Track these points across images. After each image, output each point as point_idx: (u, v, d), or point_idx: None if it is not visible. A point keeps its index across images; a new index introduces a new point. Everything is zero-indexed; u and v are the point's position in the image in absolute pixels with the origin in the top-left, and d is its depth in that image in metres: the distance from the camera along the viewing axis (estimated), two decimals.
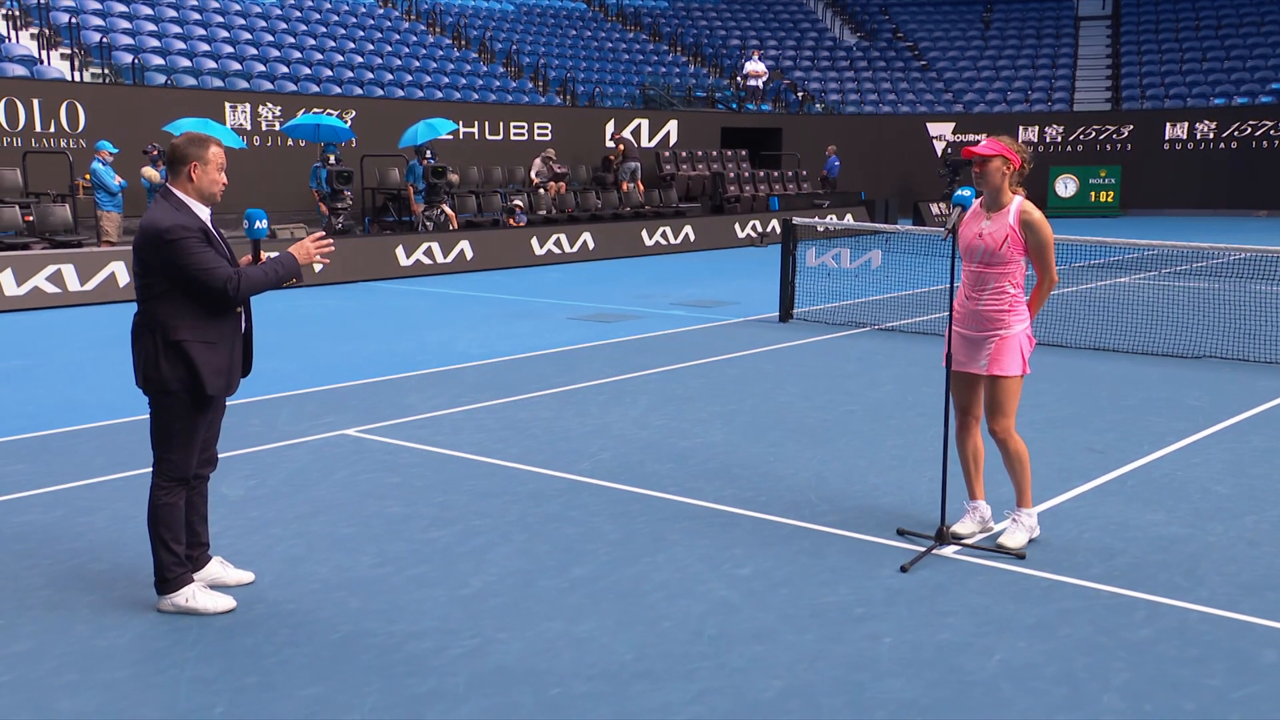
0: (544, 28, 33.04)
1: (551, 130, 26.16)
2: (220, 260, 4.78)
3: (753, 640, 4.70)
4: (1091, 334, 12.09)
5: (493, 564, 5.56)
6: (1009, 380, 5.69)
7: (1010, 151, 5.68)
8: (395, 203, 21.02)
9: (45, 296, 14.91)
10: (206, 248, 4.75)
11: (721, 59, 35.66)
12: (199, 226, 4.80)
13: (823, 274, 14.71)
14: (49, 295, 14.93)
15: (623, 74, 31.67)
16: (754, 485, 6.84)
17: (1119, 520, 6.20)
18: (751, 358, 11.04)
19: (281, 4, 26.96)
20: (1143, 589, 5.22)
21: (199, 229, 4.79)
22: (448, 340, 12.09)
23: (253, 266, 4.91)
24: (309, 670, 4.41)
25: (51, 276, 15.02)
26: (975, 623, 4.87)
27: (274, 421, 8.42)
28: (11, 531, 5.99)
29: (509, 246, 19.61)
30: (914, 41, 40.40)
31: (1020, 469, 5.80)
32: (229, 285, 4.74)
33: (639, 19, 36.53)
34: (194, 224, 4.78)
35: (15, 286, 14.72)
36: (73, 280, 15.26)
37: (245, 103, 21.38)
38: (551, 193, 22.94)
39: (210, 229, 4.90)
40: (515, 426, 8.29)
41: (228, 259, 4.93)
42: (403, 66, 26.27)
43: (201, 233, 4.79)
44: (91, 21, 22.75)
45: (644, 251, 21.84)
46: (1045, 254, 5.69)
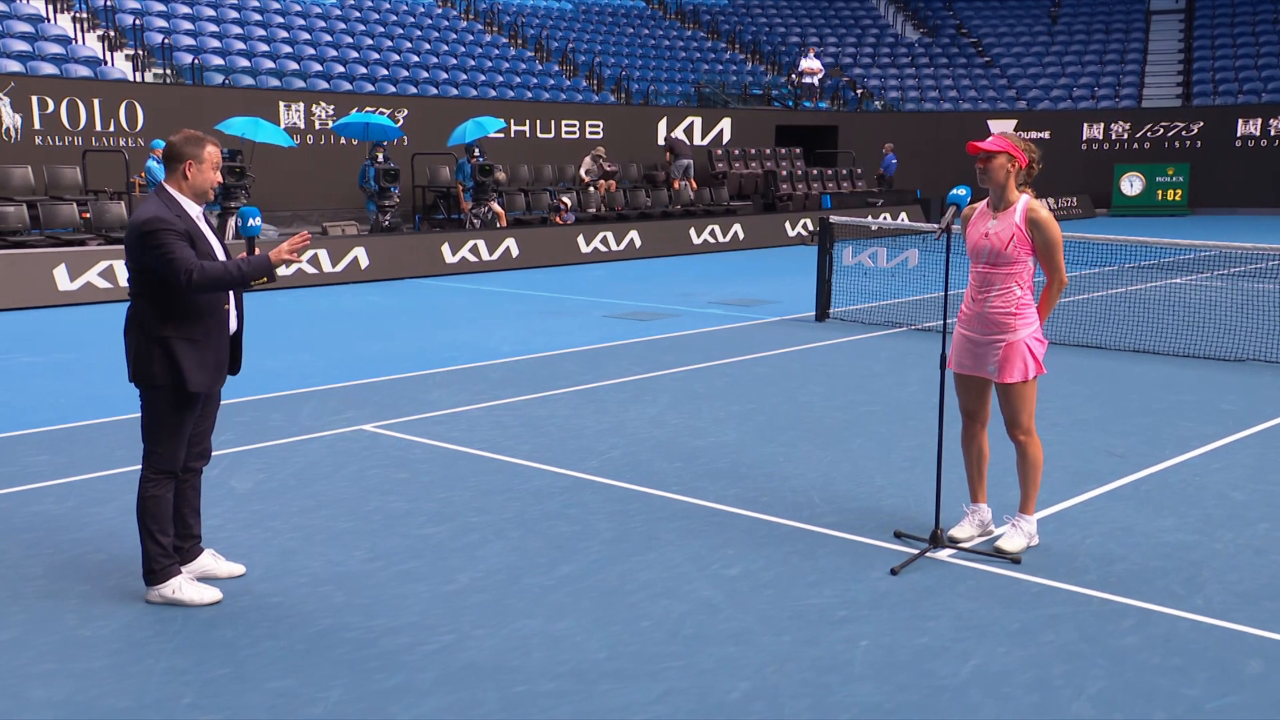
0: (601, 26, 33.11)
1: (603, 128, 26.21)
2: (187, 253, 4.80)
3: (727, 641, 4.67)
4: (1132, 336, 11.83)
5: (482, 560, 5.58)
6: (1022, 386, 5.58)
7: (1016, 149, 5.58)
8: (445, 201, 21.19)
9: (97, 292, 15.22)
10: (178, 240, 4.79)
11: (780, 56, 35.47)
12: (182, 222, 4.85)
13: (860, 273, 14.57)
14: (100, 290, 15.24)
15: (678, 72, 31.64)
16: (758, 485, 6.80)
17: (1125, 526, 6.06)
18: (780, 357, 10.97)
19: (342, 4, 27.32)
20: (1136, 596, 5.11)
21: (180, 224, 4.84)
22: (480, 337, 12.17)
23: (214, 262, 4.92)
24: (281, 663, 4.46)
25: (104, 272, 15.34)
26: (956, 627, 4.79)
27: (296, 416, 8.53)
28: (22, 521, 6.13)
29: (555, 244, 19.68)
30: (977, 37, 39.86)
31: (1032, 474, 5.69)
32: (183, 274, 4.75)
33: (698, 17, 36.46)
34: (176, 219, 4.83)
35: (69, 281, 15.05)
36: (124, 276, 15.55)
37: (299, 102, 21.70)
38: (601, 191, 22.98)
39: (197, 225, 4.96)
40: (531, 424, 8.31)
41: (211, 255, 4.97)
42: (458, 65, 26.48)
43: (183, 229, 4.84)
44: (155, 23, 23.22)
45: (691, 250, 21.79)
46: (1054, 254, 5.58)
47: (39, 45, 20.63)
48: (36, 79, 19.20)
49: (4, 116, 18.58)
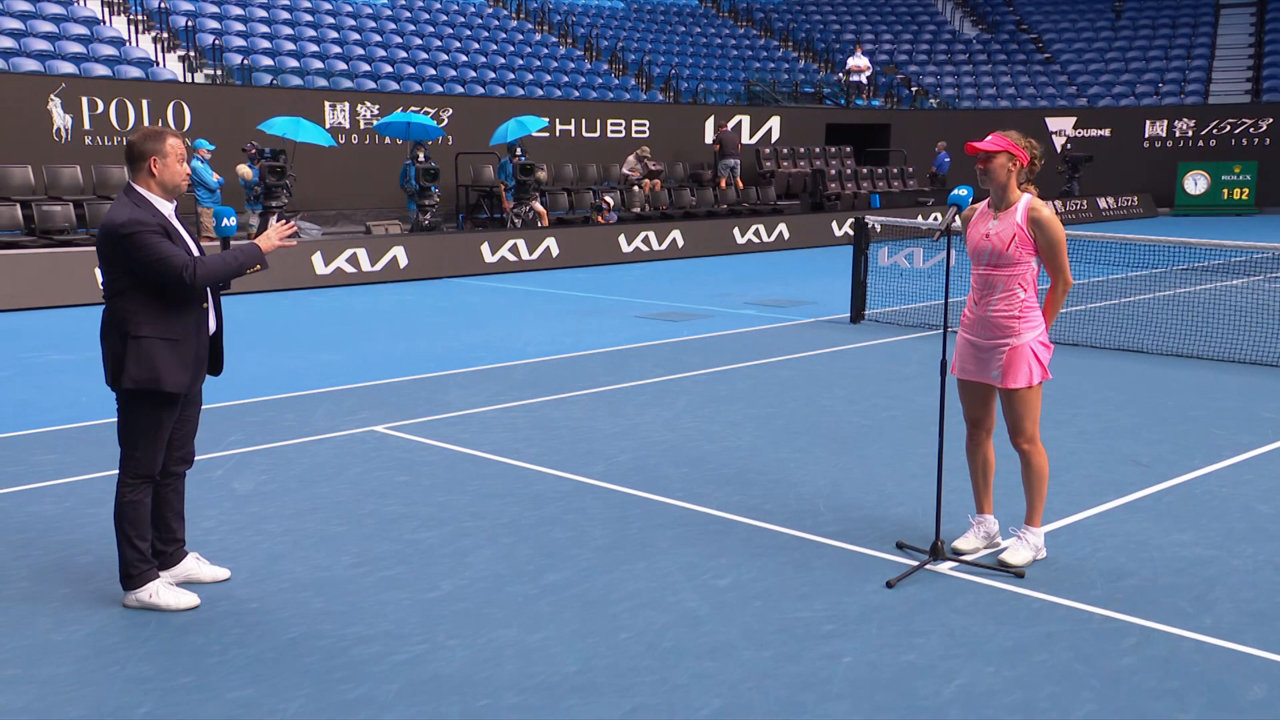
0: (653, 25, 32.97)
1: (649, 127, 26.06)
2: (176, 250, 4.76)
3: (705, 656, 4.52)
4: (1177, 340, 11.46)
5: (469, 567, 5.47)
6: (1026, 393, 5.37)
7: (1016, 148, 5.37)
8: (488, 200, 21.18)
9: None
10: (162, 239, 4.74)
11: (833, 54, 35.10)
12: (158, 222, 4.80)
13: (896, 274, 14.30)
14: None
15: (729, 70, 31.41)
16: (764, 492, 6.62)
17: (1140, 539, 5.81)
18: (808, 359, 10.76)
19: (393, 4, 27.45)
20: (1141, 614, 4.87)
21: (157, 224, 4.78)
22: (508, 337, 12.08)
23: (211, 254, 4.89)
24: (245, 672, 4.38)
25: None
26: (947, 644, 4.59)
27: (309, 416, 8.49)
28: (19, 521, 6.13)
29: (596, 243, 19.57)
30: (1038, 33, 39.15)
31: (1037, 485, 5.47)
32: (185, 272, 4.72)
33: (751, 14, 36.19)
34: (151, 219, 4.78)
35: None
36: None
37: (344, 102, 21.80)
38: (646, 190, 22.84)
39: (172, 224, 4.89)
40: (543, 426, 8.20)
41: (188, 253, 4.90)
42: (506, 65, 26.48)
43: (160, 227, 4.79)
44: (208, 24, 23.47)
45: (735, 250, 21.57)
46: (1057, 254, 5.36)
47: (93, 47, 20.93)
48: (87, 80, 19.46)
49: (55, 117, 18.85)
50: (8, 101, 18.03)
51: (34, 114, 18.41)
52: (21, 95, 18.32)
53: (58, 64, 19.83)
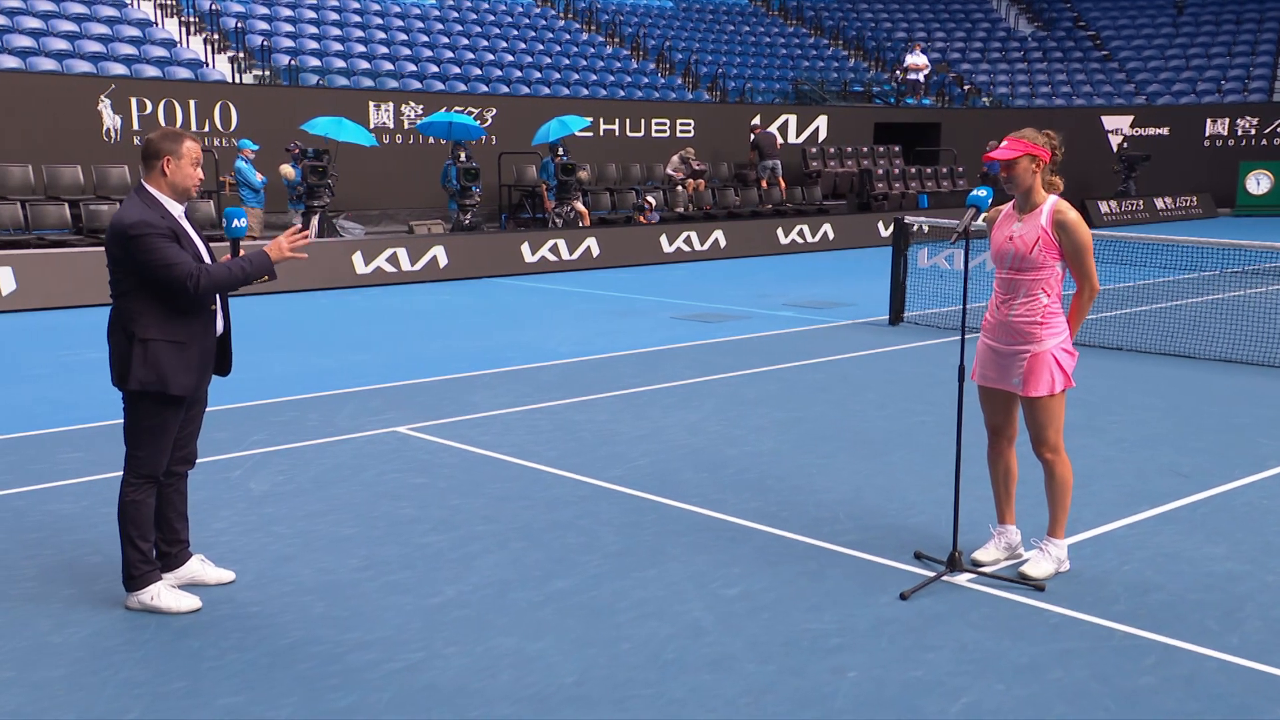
0: (701, 24, 32.81)
1: (694, 127, 25.90)
2: (184, 256, 4.72)
3: (706, 669, 4.39)
4: (1225, 344, 11.14)
5: (476, 572, 5.39)
6: (1048, 401, 5.18)
7: (1035, 147, 5.18)
8: (531, 200, 21.16)
9: None
10: (169, 244, 4.70)
11: (884, 52, 34.72)
12: (167, 225, 4.75)
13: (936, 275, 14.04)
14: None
15: (777, 69, 31.18)
16: (783, 498, 6.48)
17: (1171, 552, 5.60)
18: (842, 362, 10.59)
19: (441, 4, 27.53)
20: (1165, 631, 4.68)
21: (166, 226, 4.74)
22: (541, 338, 12.01)
23: (217, 263, 4.84)
24: (238, 678, 4.32)
25: None
26: (957, 660, 4.43)
27: (333, 417, 8.46)
28: (34, 520, 6.13)
29: (637, 244, 19.46)
30: (1096, 30, 38.46)
31: (1060, 495, 5.29)
32: (189, 281, 4.67)
33: (801, 13, 35.90)
34: (160, 221, 4.73)
35: None
36: None
37: (389, 102, 21.87)
38: (689, 190, 22.70)
39: (182, 226, 4.85)
40: (566, 428, 8.11)
41: (198, 257, 4.86)
42: (551, 64, 26.46)
43: (169, 231, 4.74)
44: (258, 26, 23.67)
45: (778, 250, 21.36)
46: (1083, 258, 5.17)
47: (145, 49, 21.16)
48: (137, 81, 19.66)
49: (105, 118, 19.08)
50: (60, 103, 18.26)
51: (85, 115, 18.63)
52: (73, 96, 18.55)
53: (109, 65, 20.07)
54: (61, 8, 21.32)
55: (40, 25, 20.50)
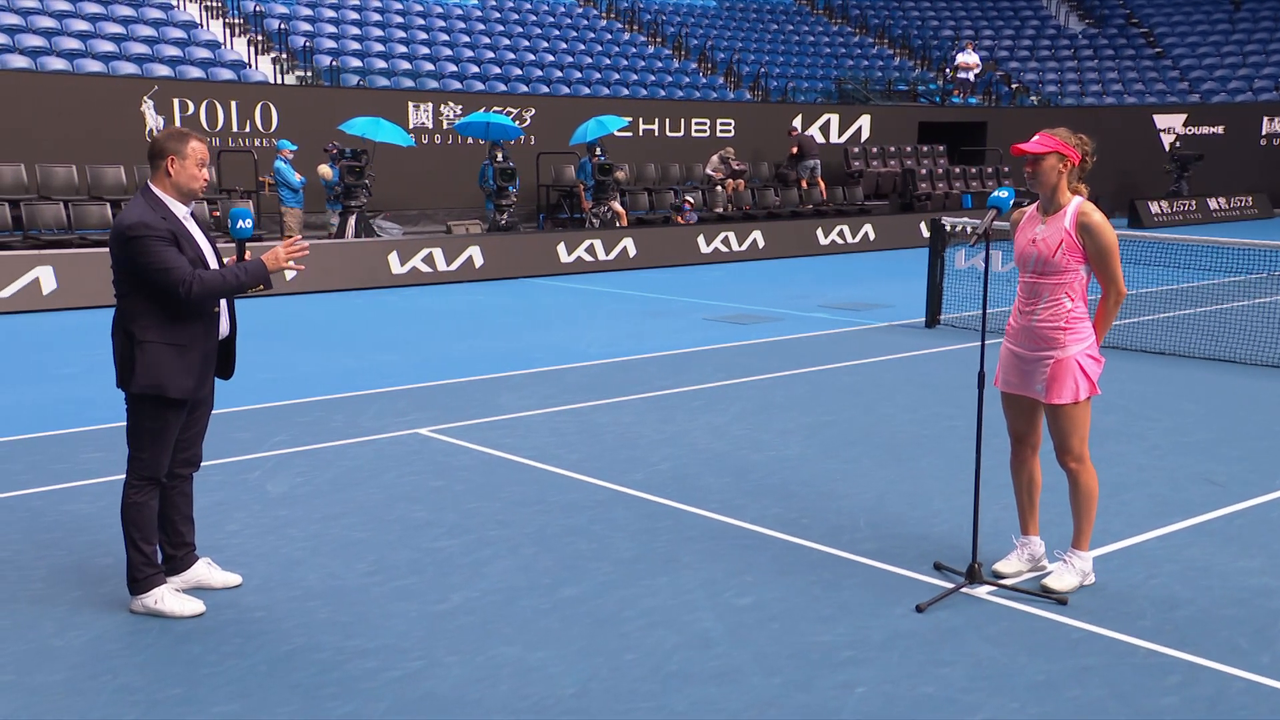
0: (744, 23, 32.62)
1: (734, 126, 25.73)
2: (180, 261, 4.66)
3: (711, 681, 4.28)
4: (1270, 349, 10.84)
5: (484, 578, 5.31)
6: (1072, 408, 5.02)
7: (1066, 147, 5.02)
8: (569, 200, 21.11)
9: None
10: (167, 247, 4.65)
11: (930, 50, 34.35)
12: (167, 227, 4.70)
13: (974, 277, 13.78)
14: None
15: (820, 68, 30.93)
16: (803, 505, 6.34)
17: (1202, 566, 5.41)
18: (875, 365, 10.41)
19: (484, 5, 27.57)
20: (1191, 649, 4.50)
21: (166, 229, 4.69)
22: (570, 339, 11.93)
23: (212, 270, 4.78)
24: (236, 685, 4.26)
25: None
26: (971, 676, 4.28)
27: (357, 418, 8.42)
28: (50, 520, 6.13)
29: (674, 244, 19.34)
30: (1149, 27, 37.81)
31: (1086, 506, 5.12)
32: (182, 287, 4.62)
33: (846, 11, 35.61)
34: (160, 223, 4.68)
35: None
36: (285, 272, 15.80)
37: (428, 102, 21.91)
38: (729, 190, 22.55)
39: (185, 227, 4.80)
40: (589, 431, 8.02)
41: (200, 259, 4.81)
42: (592, 64, 26.40)
43: (169, 232, 4.70)
44: (301, 27, 23.81)
45: (817, 251, 21.14)
46: (1108, 262, 5.00)
47: (189, 50, 21.34)
48: (179, 82, 19.82)
49: (148, 118, 19.25)
50: (104, 104, 18.44)
51: (128, 116, 18.81)
52: (116, 98, 18.73)
53: (154, 67, 20.26)
54: (109, 10, 21.55)
55: (88, 28, 20.74)
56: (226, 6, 23.50)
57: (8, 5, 20.32)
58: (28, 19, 20.23)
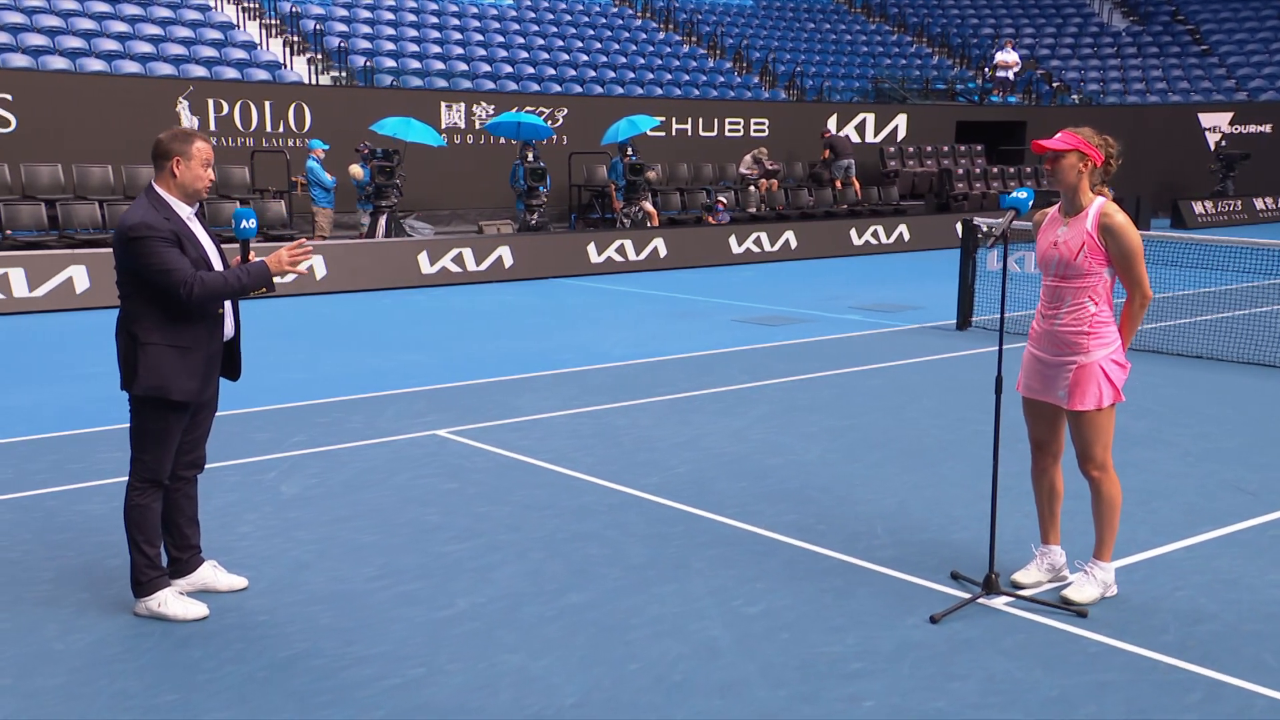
0: (781, 22, 32.42)
1: (768, 126, 25.56)
2: (182, 262, 4.61)
3: (715, 693, 4.17)
4: None
5: (491, 584, 5.23)
6: (1095, 415, 4.87)
7: (1088, 146, 4.87)
8: (600, 200, 21.05)
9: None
10: (169, 248, 4.60)
11: (970, 49, 33.99)
12: (170, 228, 4.65)
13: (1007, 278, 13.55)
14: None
15: (857, 67, 30.68)
16: (821, 511, 6.22)
17: (1230, 578, 5.24)
18: (903, 368, 10.25)
19: (519, 5, 27.57)
20: (1215, 665, 4.34)
21: (169, 230, 4.64)
22: (596, 339, 11.85)
23: (214, 272, 4.73)
24: (232, 691, 4.20)
25: None
26: (983, 691, 4.15)
27: (376, 419, 8.38)
28: (63, 520, 6.12)
29: (705, 244, 19.21)
30: (1195, 24, 37.22)
31: (1108, 516, 4.98)
32: (183, 289, 4.57)
33: (885, 10, 35.31)
34: (163, 224, 4.64)
35: None
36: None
37: (460, 102, 21.91)
38: (762, 190, 22.39)
39: (188, 228, 4.75)
40: (607, 434, 7.93)
41: (203, 260, 4.76)
42: (626, 64, 26.32)
43: (171, 233, 4.64)
44: (336, 28, 23.89)
45: (851, 251, 20.93)
46: (1132, 264, 4.85)
47: (226, 51, 21.46)
48: (215, 83, 19.93)
49: (183, 119, 19.36)
50: (140, 105, 18.55)
51: (163, 116, 18.91)
52: (152, 99, 18.85)
53: (191, 68, 20.39)
54: (148, 12, 21.72)
55: (127, 29, 20.90)
56: (264, 8, 23.63)
57: (48, 8, 20.53)
58: (68, 21, 20.43)
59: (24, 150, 17.46)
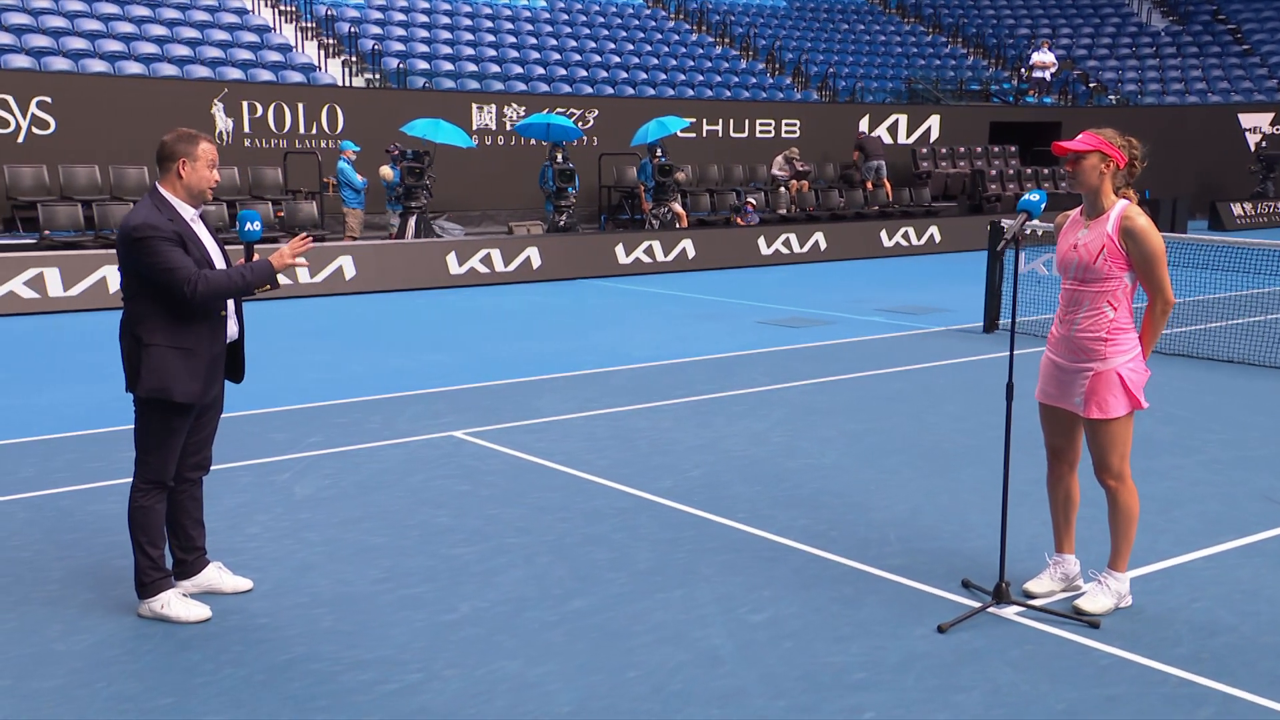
0: (815, 23, 32.26)
1: (799, 127, 25.43)
2: (185, 261, 4.61)
3: (713, 703, 4.11)
4: None
5: (496, 588, 5.19)
6: (1112, 424, 4.77)
7: (1110, 147, 4.76)
8: (630, 201, 21.02)
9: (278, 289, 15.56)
10: (173, 248, 4.60)
11: (1005, 49, 33.68)
12: (174, 228, 4.65)
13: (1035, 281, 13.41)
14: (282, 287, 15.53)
15: (890, 68, 30.47)
16: (833, 517, 6.14)
17: (1249, 589, 5.12)
18: (926, 371, 10.14)
19: (552, 7, 27.58)
20: (1227, 679, 4.23)
21: (172, 230, 4.64)
22: (620, 341, 11.80)
23: (217, 270, 4.72)
24: (228, 695, 4.18)
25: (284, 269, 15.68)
26: (987, 704, 4.07)
27: (395, 420, 8.37)
28: (77, 520, 6.14)
29: (734, 246, 19.13)
30: (1237, 24, 36.70)
31: (1124, 526, 4.87)
32: (187, 286, 4.57)
33: (920, 10, 35.06)
34: (166, 224, 4.63)
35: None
36: (303, 273, 15.66)
37: (491, 104, 21.94)
38: (793, 191, 22.27)
39: (191, 230, 4.75)
40: (624, 436, 7.87)
41: (206, 261, 4.75)
42: (658, 65, 26.27)
43: (174, 233, 4.64)
44: (371, 30, 24.00)
45: (881, 253, 20.77)
46: (1153, 269, 4.73)
47: (261, 54, 21.61)
48: (249, 85, 20.07)
49: (218, 121, 19.51)
50: (176, 107, 18.68)
51: (199, 118, 19.06)
52: (187, 101, 18.99)
53: (227, 70, 20.54)
54: (186, 15, 21.91)
55: (165, 33, 21.09)
56: (300, 11, 23.77)
57: (89, 11, 20.76)
58: (109, 24, 20.64)
59: (63, 152, 17.68)
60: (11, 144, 17.60)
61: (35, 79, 17.94)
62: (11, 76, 17.84)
